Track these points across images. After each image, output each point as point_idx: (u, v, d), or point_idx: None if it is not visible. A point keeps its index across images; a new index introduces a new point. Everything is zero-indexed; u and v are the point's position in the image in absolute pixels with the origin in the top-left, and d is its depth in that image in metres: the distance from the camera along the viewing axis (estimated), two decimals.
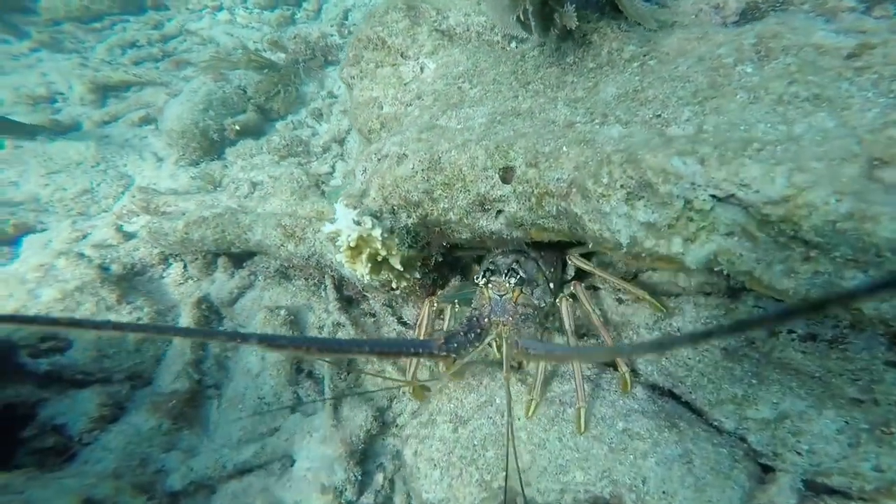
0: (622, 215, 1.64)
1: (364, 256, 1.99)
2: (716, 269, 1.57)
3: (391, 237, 2.02)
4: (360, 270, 2.01)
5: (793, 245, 1.39)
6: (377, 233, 1.95)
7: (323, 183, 3.55)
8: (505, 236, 2.13)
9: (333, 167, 3.94)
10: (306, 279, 2.84)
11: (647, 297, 2.02)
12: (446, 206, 2.06)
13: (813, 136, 1.50)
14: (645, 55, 2.11)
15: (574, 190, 1.79)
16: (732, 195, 1.48)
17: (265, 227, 2.72)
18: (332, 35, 5.67)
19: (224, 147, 4.24)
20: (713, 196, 1.51)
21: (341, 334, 2.58)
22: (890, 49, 1.58)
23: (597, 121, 1.97)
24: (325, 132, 4.38)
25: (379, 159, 2.25)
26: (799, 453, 1.70)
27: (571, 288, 2.12)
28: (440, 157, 2.02)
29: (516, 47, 2.60)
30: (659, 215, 1.58)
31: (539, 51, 2.41)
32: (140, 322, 2.57)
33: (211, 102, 4.34)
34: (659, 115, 1.85)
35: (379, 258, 2.03)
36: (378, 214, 2.09)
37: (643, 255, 1.68)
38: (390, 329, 2.67)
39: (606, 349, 1.89)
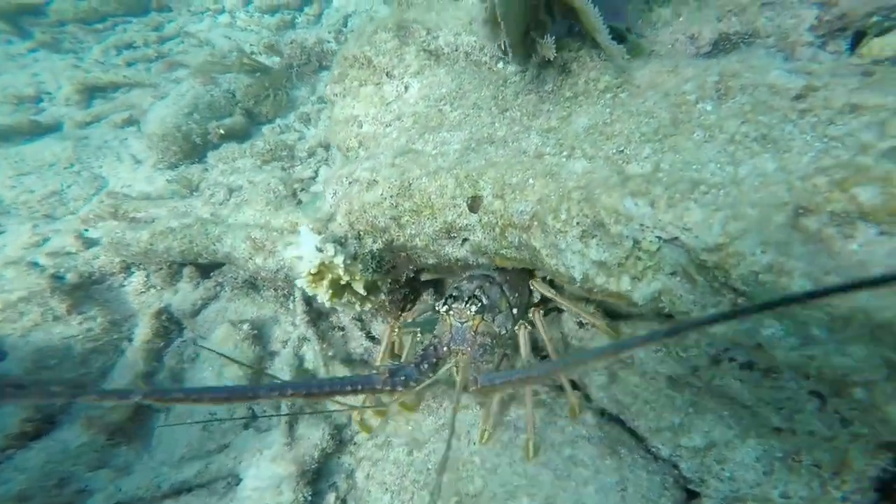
0: (576, 252, 1.69)
1: (325, 282, 2.03)
2: (660, 306, 1.62)
3: (354, 263, 2.07)
4: (321, 295, 2.06)
5: (724, 291, 1.44)
6: (339, 260, 2.00)
7: (302, 190, 3.59)
8: (470, 262, 2.18)
9: (317, 172, 3.98)
10: (275, 290, 2.88)
11: (602, 326, 2.08)
12: (413, 232, 2.11)
13: (754, 179, 1.55)
14: (618, 87, 2.17)
15: (535, 223, 1.84)
16: (676, 238, 1.52)
17: (235, 238, 2.76)
18: (328, 41, 5.76)
19: (206, 150, 4.29)
20: (659, 237, 1.56)
21: (306, 349, 2.61)
22: (829, 92, 1.65)
23: (565, 153, 2.02)
24: (311, 136, 4.44)
25: (350, 183, 2.30)
26: (721, 480, 1.82)
27: (531, 314, 2.16)
28: (411, 184, 2.07)
29: (503, 67, 2.64)
30: (610, 254, 1.63)
31: (521, 76, 2.46)
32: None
33: (197, 106, 4.40)
34: (622, 151, 1.90)
35: (341, 282, 2.07)
36: (343, 240, 2.14)
37: (595, 290, 1.73)
38: (358, 344, 2.70)
39: (553, 364, 1.90)
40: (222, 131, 4.37)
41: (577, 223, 1.69)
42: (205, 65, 5.08)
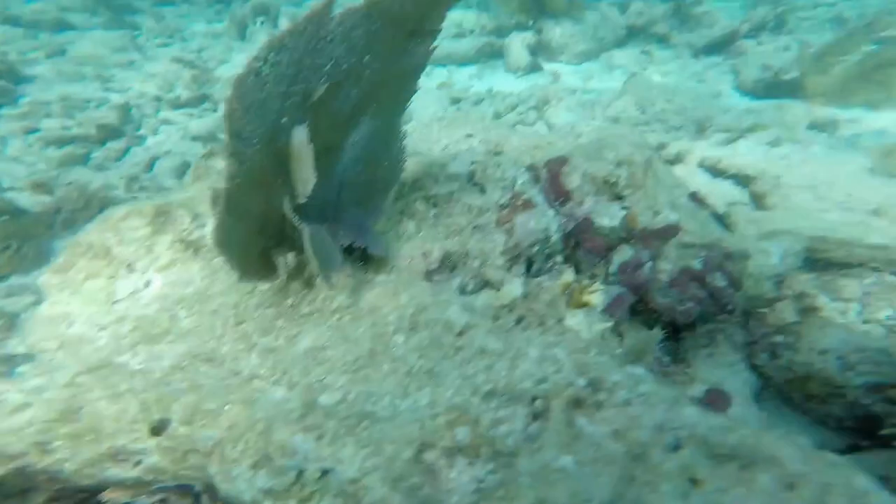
0: (246, 480, 1.82)
1: None
2: None
3: None
4: None
5: None
6: None
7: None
8: (146, 480, 2.08)
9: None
10: None
11: None
12: (64, 457, 1.95)
13: (408, 414, 1.91)
14: (347, 307, 2.39)
15: (217, 450, 1.88)
16: (333, 469, 1.78)
17: None
18: (116, 188, 5.59)
19: None
20: (321, 468, 1.80)
21: None
22: (475, 331, 2.14)
23: (275, 378, 2.15)
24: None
25: None
26: None
27: None
28: (81, 407, 1.99)
29: None
30: (276, 482, 1.79)
31: (270, 285, 2.54)
32: None
33: None
34: (322, 380, 2.13)
35: None
36: None
37: None
38: None
39: None
40: None
41: (251, 455, 1.84)
42: None
